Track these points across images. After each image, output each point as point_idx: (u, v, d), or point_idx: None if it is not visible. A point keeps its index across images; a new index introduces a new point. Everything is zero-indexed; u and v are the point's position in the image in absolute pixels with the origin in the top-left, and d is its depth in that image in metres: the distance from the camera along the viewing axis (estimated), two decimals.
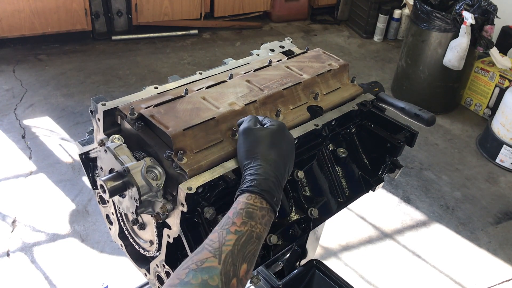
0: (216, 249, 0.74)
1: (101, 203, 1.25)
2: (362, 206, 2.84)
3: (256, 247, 0.78)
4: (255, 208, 0.80)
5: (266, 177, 0.83)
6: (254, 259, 0.77)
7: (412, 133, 1.18)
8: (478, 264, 2.58)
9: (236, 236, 0.76)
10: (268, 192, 0.82)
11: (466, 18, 3.25)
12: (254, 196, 0.81)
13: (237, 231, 0.76)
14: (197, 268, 0.71)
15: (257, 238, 0.78)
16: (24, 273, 2.27)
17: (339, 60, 1.27)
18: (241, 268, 0.74)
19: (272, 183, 0.83)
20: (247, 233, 0.77)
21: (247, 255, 0.75)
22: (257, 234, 0.78)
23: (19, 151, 3.01)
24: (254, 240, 0.78)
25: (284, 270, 1.55)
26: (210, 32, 4.72)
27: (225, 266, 0.72)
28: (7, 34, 3.88)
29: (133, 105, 0.99)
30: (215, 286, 0.69)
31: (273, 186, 0.83)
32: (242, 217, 0.78)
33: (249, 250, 0.76)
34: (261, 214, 0.80)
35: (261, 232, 0.79)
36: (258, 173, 0.83)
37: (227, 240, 0.75)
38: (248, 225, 0.78)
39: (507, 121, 3.24)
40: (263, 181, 0.83)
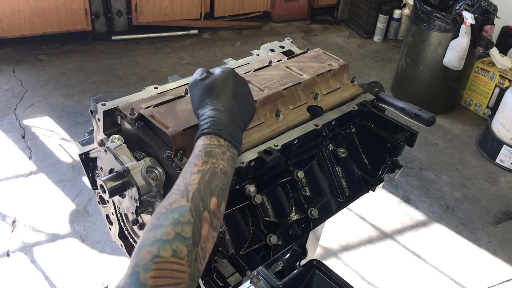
0: (183, 190, 0.75)
1: (101, 203, 1.25)
2: (362, 206, 2.84)
3: (223, 181, 0.79)
4: (213, 147, 0.81)
5: (218, 117, 0.84)
6: (223, 192, 0.79)
7: (412, 133, 1.18)
8: (478, 264, 2.58)
9: (200, 175, 0.77)
10: (222, 130, 0.83)
11: (466, 18, 3.25)
12: (209, 137, 0.82)
13: (200, 170, 0.78)
14: (167, 211, 0.72)
15: (222, 173, 0.79)
16: (24, 273, 2.27)
17: (339, 60, 1.27)
18: (210, 202, 0.75)
19: (226, 122, 0.85)
20: (210, 170, 0.78)
21: (214, 189, 0.77)
22: (221, 170, 0.79)
23: (19, 151, 3.01)
24: (219, 175, 0.79)
25: (284, 270, 1.55)
26: (210, 32, 4.72)
27: (194, 202, 0.73)
28: (7, 34, 3.88)
29: (133, 105, 0.99)
30: (187, 221, 0.71)
31: (228, 124, 0.84)
32: (202, 157, 0.80)
33: (215, 184, 0.77)
34: (221, 151, 0.81)
35: (225, 167, 0.80)
36: (210, 115, 0.85)
37: (191, 181, 0.76)
38: (210, 163, 0.79)
39: (507, 121, 3.24)
40: (216, 121, 0.84)
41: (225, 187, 0.80)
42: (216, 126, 0.83)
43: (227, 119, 0.85)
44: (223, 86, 0.89)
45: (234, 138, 0.84)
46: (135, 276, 0.65)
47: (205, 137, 0.83)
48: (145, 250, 0.67)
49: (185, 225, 0.71)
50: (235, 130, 0.86)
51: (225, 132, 0.83)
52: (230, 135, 0.84)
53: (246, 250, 0.97)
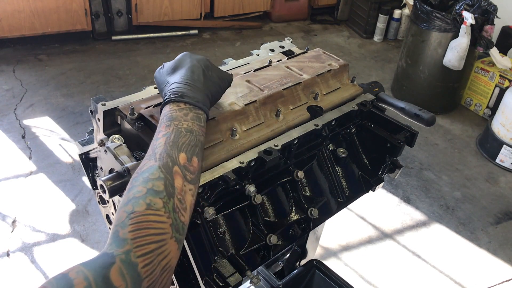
0: (151, 154, 0.77)
1: (101, 203, 1.25)
2: (362, 206, 2.84)
3: (190, 137, 0.80)
4: (173, 111, 0.83)
5: (175, 87, 0.87)
6: (194, 148, 0.79)
7: (412, 133, 1.18)
8: (478, 264, 2.58)
9: (164, 138, 0.79)
10: (180, 96, 0.85)
11: (466, 18, 3.25)
12: (169, 105, 0.85)
13: (164, 134, 0.79)
14: (138, 174, 0.74)
15: (188, 131, 0.80)
16: (24, 273, 2.27)
17: (339, 60, 1.27)
18: (179, 157, 0.76)
19: (183, 89, 0.86)
20: (174, 131, 0.80)
21: (181, 146, 0.78)
22: (185, 129, 0.81)
23: (19, 151, 3.01)
24: (184, 133, 0.80)
25: (284, 270, 1.55)
26: (210, 32, 4.72)
27: (161, 160, 0.75)
28: (7, 34, 3.88)
29: (133, 105, 0.99)
30: (157, 177, 0.72)
31: (185, 90, 0.86)
32: (165, 122, 0.82)
33: (182, 142, 0.78)
34: (183, 113, 0.83)
35: (190, 126, 0.81)
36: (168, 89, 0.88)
37: (157, 145, 0.78)
38: (172, 125, 0.81)
39: (507, 121, 3.24)
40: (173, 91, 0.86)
41: (194, 143, 0.80)
42: (174, 94, 0.85)
43: (184, 87, 0.87)
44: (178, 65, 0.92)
45: (194, 100, 0.85)
46: (115, 235, 0.66)
47: (165, 106, 0.85)
48: (121, 211, 0.69)
49: (156, 181, 0.72)
50: (196, 94, 0.87)
51: (183, 97, 0.85)
52: (189, 98, 0.85)
53: (246, 250, 0.97)
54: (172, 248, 0.68)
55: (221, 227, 0.96)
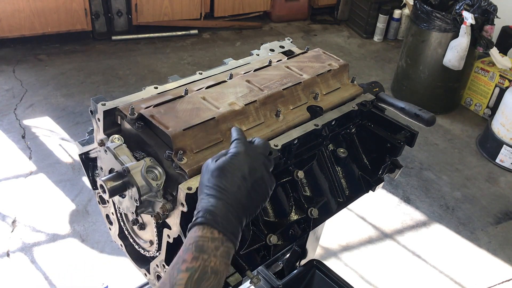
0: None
1: (101, 203, 1.25)
2: (362, 206, 2.84)
3: (213, 282, 0.70)
4: (205, 240, 0.72)
5: (215, 205, 0.75)
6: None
7: (412, 133, 1.19)
8: (478, 264, 2.58)
9: (188, 274, 0.69)
10: (218, 221, 0.74)
11: (466, 18, 3.25)
12: (202, 227, 0.73)
13: (188, 268, 0.70)
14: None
15: (213, 273, 0.71)
16: (24, 273, 2.27)
17: (339, 60, 1.27)
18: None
19: (223, 212, 0.75)
20: (200, 268, 0.70)
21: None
22: (211, 268, 0.71)
23: (19, 151, 3.01)
24: (209, 275, 0.70)
25: (284, 270, 1.55)
26: (210, 32, 4.72)
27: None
28: (7, 34, 3.88)
29: (133, 105, 0.99)
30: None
31: (225, 215, 0.75)
32: (193, 252, 0.71)
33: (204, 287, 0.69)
34: (214, 246, 0.72)
35: (217, 265, 0.71)
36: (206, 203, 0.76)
37: (178, 280, 0.69)
38: (200, 260, 0.70)
39: (507, 121, 3.24)
40: (212, 211, 0.75)
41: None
42: (210, 216, 0.74)
43: (224, 211, 0.75)
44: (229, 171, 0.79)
45: (230, 231, 0.74)
46: None
47: (197, 227, 0.74)
48: None
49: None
50: (233, 223, 0.76)
51: (221, 224, 0.74)
52: (225, 228, 0.74)
53: (246, 250, 0.97)
54: None
55: None
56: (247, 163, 0.80)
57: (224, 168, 0.79)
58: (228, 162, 0.80)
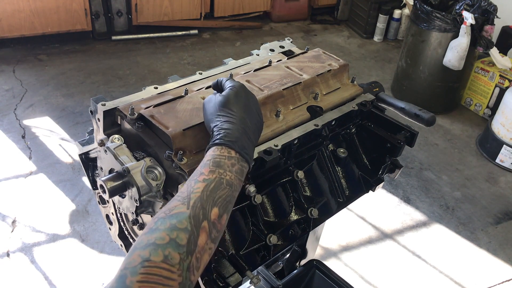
0: (185, 197, 0.74)
1: (101, 203, 1.25)
2: (362, 206, 2.84)
3: (228, 192, 0.77)
4: (223, 157, 0.80)
5: (231, 128, 0.83)
6: (227, 204, 0.77)
7: (412, 133, 1.18)
8: (478, 264, 2.58)
9: (204, 184, 0.76)
10: (234, 142, 0.81)
11: (466, 18, 3.25)
12: (220, 147, 0.81)
13: (205, 179, 0.77)
14: (165, 216, 0.71)
15: (228, 185, 0.78)
16: (24, 273, 2.27)
17: (339, 60, 1.27)
18: (211, 212, 0.74)
19: (238, 134, 0.83)
20: (216, 179, 0.77)
21: (217, 200, 0.75)
22: (227, 181, 0.78)
23: (19, 151, 3.01)
24: (224, 186, 0.77)
25: (284, 270, 1.55)
26: (210, 32, 4.72)
27: (194, 210, 0.72)
28: (7, 34, 3.88)
29: (133, 105, 0.99)
30: (184, 228, 0.70)
31: (240, 136, 0.83)
32: (210, 167, 0.78)
33: (219, 195, 0.76)
34: (230, 163, 0.80)
35: (232, 179, 0.79)
36: (223, 127, 0.84)
37: (195, 189, 0.75)
38: (216, 173, 0.78)
39: (507, 121, 3.24)
40: (229, 133, 0.82)
41: (229, 199, 0.77)
42: (228, 137, 0.82)
43: (239, 131, 0.83)
44: (235, 99, 0.88)
45: (245, 151, 0.82)
46: (122, 279, 0.64)
47: (216, 147, 0.81)
48: (136, 253, 0.66)
49: (181, 232, 0.69)
50: (247, 143, 0.84)
51: (237, 144, 0.81)
52: (241, 148, 0.82)
53: (246, 250, 0.97)
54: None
55: None
56: (245, 94, 0.91)
57: (230, 97, 0.88)
58: (231, 92, 0.89)
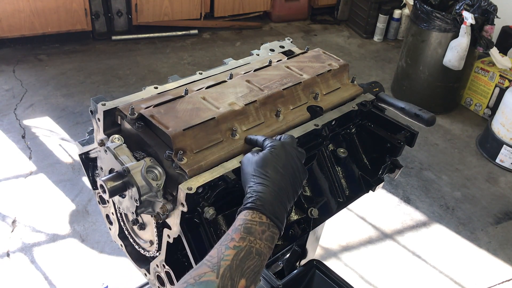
0: (215, 264, 0.74)
1: (101, 203, 1.25)
2: (362, 206, 2.84)
3: (256, 263, 0.77)
4: (254, 223, 0.79)
5: (264, 192, 0.83)
6: (254, 275, 0.76)
7: (412, 133, 1.18)
8: (478, 264, 2.58)
9: (235, 251, 0.75)
10: (266, 207, 0.81)
11: (466, 18, 3.25)
12: (252, 212, 0.80)
13: (236, 246, 0.76)
14: (194, 282, 0.71)
15: (257, 254, 0.77)
16: (24, 273, 2.27)
17: (339, 60, 1.27)
18: (239, 283, 0.73)
19: (271, 199, 0.82)
20: (246, 248, 0.76)
21: (245, 270, 0.75)
22: (256, 250, 0.77)
23: (19, 151, 3.01)
24: (254, 256, 0.77)
25: (284, 270, 1.55)
26: (210, 32, 4.72)
27: (223, 280, 0.71)
28: (7, 34, 3.88)
29: (133, 105, 0.99)
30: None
31: (273, 202, 0.82)
32: (241, 233, 0.78)
33: (248, 265, 0.75)
34: (261, 230, 0.79)
35: (262, 248, 0.78)
36: (256, 190, 0.83)
37: (225, 255, 0.75)
38: (247, 241, 0.77)
39: (507, 121, 3.24)
40: (261, 197, 0.82)
41: (257, 270, 0.77)
42: (260, 202, 0.81)
43: (272, 197, 0.83)
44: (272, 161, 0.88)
45: (277, 217, 0.82)
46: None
47: (247, 211, 0.81)
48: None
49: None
50: (280, 209, 0.83)
51: (269, 210, 0.81)
52: (273, 214, 0.81)
53: None
54: None
55: (221, 227, 0.96)
56: (284, 154, 0.90)
57: (267, 159, 0.88)
58: (269, 153, 0.89)
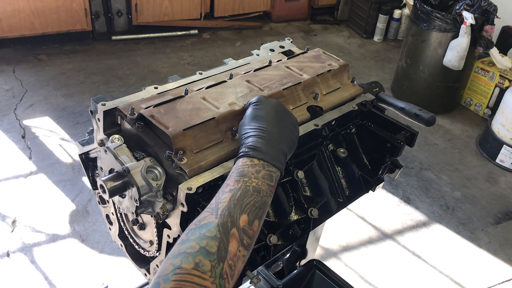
0: (213, 208, 0.76)
1: (101, 203, 1.25)
2: (362, 206, 2.84)
3: (256, 199, 0.79)
4: (246, 166, 0.82)
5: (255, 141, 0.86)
6: (256, 210, 0.78)
7: (412, 133, 1.18)
8: (478, 264, 2.58)
9: (230, 194, 0.78)
10: (256, 151, 0.84)
11: (466, 18, 3.25)
12: (242, 159, 0.84)
13: (231, 189, 0.79)
14: (195, 227, 0.73)
15: (255, 191, 0.79)
16: (24, 273, 2.27)
17: (339, 60, 1.27)
18: (239, 219, 0.75)
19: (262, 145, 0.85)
20: (241, 188, 0.79)
21: (245, 207, 0.77)
22: (253, 188, 0.79)
23: (19, 151, 3.01)
24: (251, 193, 0.79)
25: (284, 270, 1.55)
26: (210, 32, 4.72)
27: (222, 218, 0.74)
28: (7, 34, 3.88)
29: (133, 105, 0.99)
30: (213, 236, 0.71)
31: (264, 147, 0.85)
32: (234, 177, 0.81)
33: (246, 202, 0.77)
34: (254, 170, 0.82)
35: (259, 185, 0.80)
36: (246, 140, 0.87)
37: (222, 199, 0.77)
38: (241, 182, 0.80)
39: (507, 121, 3.24)
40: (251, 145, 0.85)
41: (259, 205, 0.79)
42: (248, 149, 0.85)
43: (259, 141, 0.86)
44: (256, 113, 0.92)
45: (269, 156, 0.84)
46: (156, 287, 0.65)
47: (238, 160, 0.85)
48: (168, 262, 0.68)
49: (211, 240, 0.70)
50: (272, 150, 0.85)
51: (260, 153, 0.83)
52: (263, 154, 0.83)
53: None
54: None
55: None
56: (268, 105, 0.94)
57: (251, 114, 0.92)
58: (253, 109, 0.93)
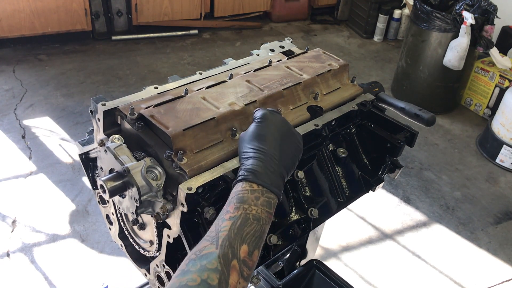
0: (213, 237, 0.75)
1: (101, 203, 1.25)
2: (362, 206, 2.84)
3: (256, 227, 0.78)
4: (245, 192, 0.81)
5: (254, 164, 0.84)
6: (256, 240, 0.77)
7: (412, 133, 1.18)
8: (478, 264, 2.58)
9: (231, 222, 0.77)
10: (256, 176, 0.82)
11: (466, 18, 3.25)
12: (241, 183, 0.83)
13: (231, 217, 0.77)
14: (196, 257, 0.72)
15: (255, 220, 0.78)
16: (24, 273, 2.27)
17: (339, 60, 1.27)
18: (240, 249, 0.74)
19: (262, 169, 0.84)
20: (241, 216, 0.78)
21: (245, 236, 0.76)
22: (253, 216, 0.78)
23: (19, 151, 3.01)
24: (251, 221, 0.78)
25: (284, 270, 1.55)
26: (210, 32, 4.72)
27: (223, 249, 0.73)
28: (7, 34, 3.88)
29: (133, 105, 0.99)
30: (214, 268, 0.70)
31: (263, 171, 0.83)
32: (234, 204, 0.79)
33: (247, 231, 0.76)
34: (254, 196, 0.80)
35: (259, 213, 0.79)
36: (245, 164, 0.85)
37: (222, 227, 0.76)
38: (241, 209, 0.78)
39: (507, 121, 3.24)
40: (251, 169, 0.84)
41: (258, 234, 0.78)
42: (248, 172, 0.83)
43: (259, 165, 0.84)
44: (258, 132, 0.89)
45: (269, 183, 0.83)
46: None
47: (238, 184, 0.83)
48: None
49: (212, 272, 0.70)
50: (271, 175, 0.84)
51: (259, 178, 0.82)
52: (264, 181, 0.82)
53: None
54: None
55: None
56: (272, 123, 0.91)
57: (254, 132, 0.89)
58: (256, 127, 0.90)
